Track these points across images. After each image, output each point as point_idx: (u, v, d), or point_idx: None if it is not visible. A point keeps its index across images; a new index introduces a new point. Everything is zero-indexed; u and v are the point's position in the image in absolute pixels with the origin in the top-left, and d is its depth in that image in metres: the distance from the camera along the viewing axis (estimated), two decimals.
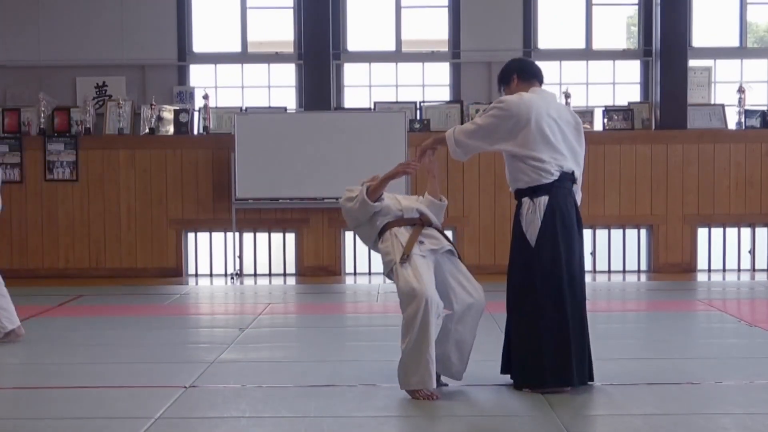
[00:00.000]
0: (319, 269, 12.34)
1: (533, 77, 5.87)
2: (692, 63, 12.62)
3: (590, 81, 12.89)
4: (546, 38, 12.81)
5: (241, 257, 12.55)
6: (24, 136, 12.39)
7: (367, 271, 12.62)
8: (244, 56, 13.06)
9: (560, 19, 12.93)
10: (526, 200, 5.68)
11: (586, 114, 12.37)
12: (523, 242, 5.67)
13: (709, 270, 12.46)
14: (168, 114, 12.49)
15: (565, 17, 12.92)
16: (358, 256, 12.63)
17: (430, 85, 13.05)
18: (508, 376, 5.92)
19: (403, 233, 5.81)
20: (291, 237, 12.56)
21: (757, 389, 5.84)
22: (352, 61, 13.01)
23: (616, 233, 12.51)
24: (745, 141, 12.29)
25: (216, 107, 12.63)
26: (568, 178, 5.69)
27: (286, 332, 8.49)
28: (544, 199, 5.61)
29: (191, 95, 12.73)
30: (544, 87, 5.94)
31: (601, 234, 12.50)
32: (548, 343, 5.62)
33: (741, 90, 12.24)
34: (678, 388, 5.78)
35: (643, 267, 12.53)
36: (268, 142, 11.83)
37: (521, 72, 5.89)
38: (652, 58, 12.65)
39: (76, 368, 6.71)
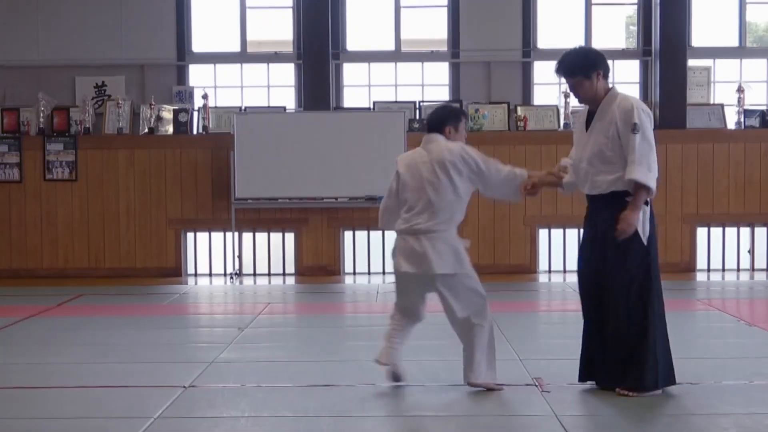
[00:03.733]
0: (318, 269, 12.34)
1: (608, 75, 5.75)
2: (691, 63, 12.62)
3: None
4: (545, 38, 12.80)
5: (240, 257, 12.55)
6: (23, 136, 12.38)
7: (366, 270, 12.62)
8: (243, 56, 13.05)
9: (559, 18, 12.93)
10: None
11: (585, 114, 12.36)
12: (635, 241, 5.52)
13: (709, 270, 12.45)
14: (167, 114, 12.49)
15: (564, 17, 12.92)
16: (358, 256, 12.63)
17: (430, 84, 13.05)
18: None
19: None
20: (290, 237, 12.56)
21: (757, 389, 5.84)
22: (351, 60, 13.00)
23: None
24: (744, 141, 12.29)
25: (215, 107, 12.62)
26: None
27: (286, 332, 8.49)
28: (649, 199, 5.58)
29: (190, 95, 12.72)
30: (544, 88, 5.90)
31: None
32: (667, 339, 5.68)
33: (740, 90, 12.24)
34: (678, 388, 5.78)
35: None
36: (268, 141, 11.83)
37: (606, 69, 5.72)
38: (652, 57, 12.65)
39: (76, 368, 6.71)
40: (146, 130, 12.44)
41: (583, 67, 5.69)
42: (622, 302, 5.57)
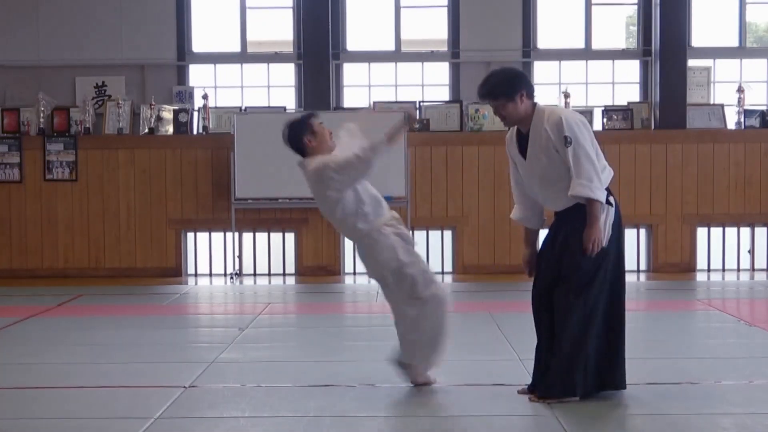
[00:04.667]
0: (318, 269, 12.34)
1: (534, 95, 5.68)
2: (691, 63, 12.62)
3: (590, 81, 12.88)
4: (545, 38, 12.80)
5: (240, 257, 12.55)
6: (23, 136, 12.38)
7: (366, 271, 12.58)
8: (243, 56, 13.05)
9: (559, 18, 12.93)
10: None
11: (586, 114, 12.37)
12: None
13: (709, 270, 12.45)
14: (167, 114, 12.49)
15: (564, 17, 12.92)
16: (358, 256, 12.60)
17: (430, 84, 13.05)
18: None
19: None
20: (290, 237, 12.56)
21: (757, 389, 5.84)
22: (351, 60, 13.01)
23: None
24: (744, 141, 12.29)
25: (215, 107, 12.62)
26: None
27: (286, 332, 8.49)
28: (612, 199, 5.56)
29: (190, 95, 12.72)
30: (544, 88, 5.88)
31: None
32: (622, 343, 5.62)
33: (740, 90, 12.24)
34: (678, 388, 5.79)
35: (643, 267, 12.52)
36: (268, 142, 11.77)
37: (530, 89, 5.63)
38: (652, 57, 12.65)
39: (76, 368, 6.71)
40: (146, 130, 12.44)
41: (505, 88, 5.59)
42: (566, 302, 5.51)
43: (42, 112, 12.36)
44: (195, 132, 12.52)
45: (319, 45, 12.42)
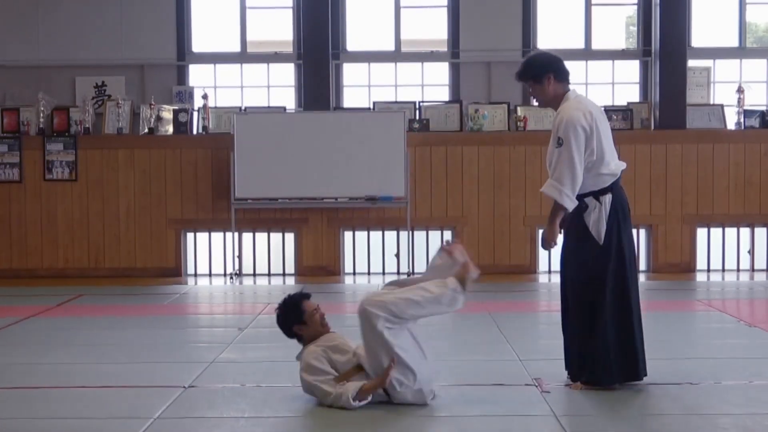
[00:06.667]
0: (318, 269, 12.34)
1: (567, 78, 5.79)
2: (691, 63, 12.62)
3: (589, 81, 12.89)
4: (545, 38, 12.80)
5: (240, 257, 12.54)
6: (23, 136, 12.38)
7: (366, 270, 12.61)
8: (243, 56, 13.05)
9: (559, 18, 12.93)
10: (590, 200, 5.69)
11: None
12: (589, 241, 5.68)
13: (708, 270, 12.44)
14: (167, 114, 12.49)
15: (564, 17, 12.92)
16: (358, 256, 12.62)
17: (430, 85, 13.05)
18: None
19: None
20: (290, 237, 12.55)
21: (756, 389, 5.84)
22: (351, 61, 13.00)
23: None
24: (744, 141, 12.29)
25: (215, 107, 12.62)
26: (621, 174, 5.83)
27: None
28: (608, 197, 5.70)
29: (190, 95, 12.72)
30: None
31: None
32: (621, 339, 5.70)
33: (740, 90, 12.23)
34: (677, 388, 5.79)
35: (642, 267, 12.51)
36: (268, 142, 11.83)
37: (558, 72, 5.76)
38: (651, 58, 12.65)
39: (76, 368, 6.71)
40: (146, 130, 12.44)
41: (533, 71, 5.78)
42: (573, 299, 5.74)
43: (42, 112, 12.35)
44: (195, 132, 12.52)
45: (319, 45, 12.42)
